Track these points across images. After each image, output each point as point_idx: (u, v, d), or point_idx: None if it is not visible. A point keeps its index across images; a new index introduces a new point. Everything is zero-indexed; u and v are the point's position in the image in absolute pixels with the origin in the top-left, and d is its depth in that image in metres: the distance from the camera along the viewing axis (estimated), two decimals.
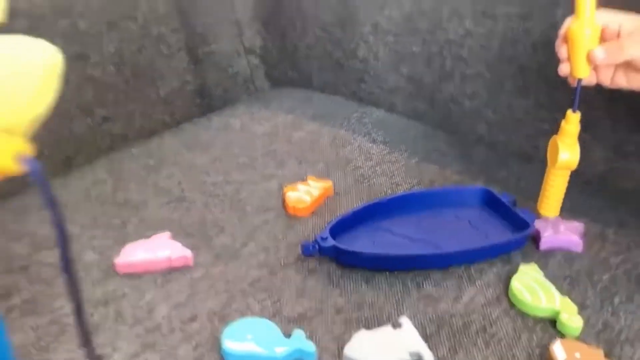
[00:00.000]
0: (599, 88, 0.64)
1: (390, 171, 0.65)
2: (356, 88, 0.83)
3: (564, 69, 0.51)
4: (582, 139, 0.67)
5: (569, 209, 0.59)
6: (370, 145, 0.70)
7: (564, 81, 0.66)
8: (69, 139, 0.71)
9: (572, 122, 0.52)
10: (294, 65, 0.90)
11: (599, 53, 0.48)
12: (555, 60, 0.66)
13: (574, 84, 0.51)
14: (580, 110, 0.53)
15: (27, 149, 0.25)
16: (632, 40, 0.47)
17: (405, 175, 0.64)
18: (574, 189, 0.64)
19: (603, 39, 0.49)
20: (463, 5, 0.71)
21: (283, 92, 0.85)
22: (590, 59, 0.48)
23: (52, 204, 0.25)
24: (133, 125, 0.78)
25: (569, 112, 0.52)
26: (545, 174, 0.56)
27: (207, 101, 0.88)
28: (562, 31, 0.50)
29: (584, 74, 0.50)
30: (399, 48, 0.78)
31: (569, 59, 0.50)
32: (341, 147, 0.69)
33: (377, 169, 0.65)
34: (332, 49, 0.84)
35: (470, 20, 0.71)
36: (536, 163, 0.71)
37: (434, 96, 0.77)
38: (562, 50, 0.51)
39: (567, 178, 0.55)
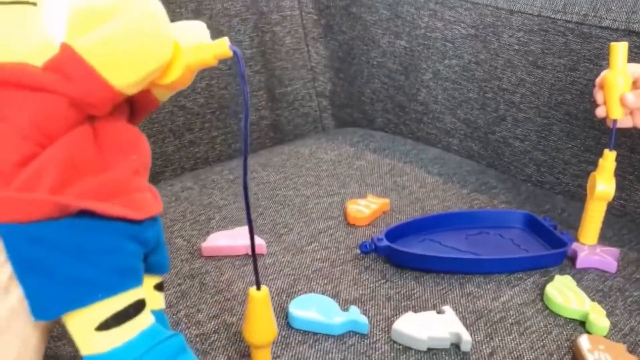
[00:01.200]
0: None
1: (443, 197, 0.71)
2: (415, 128, 0.92)
3: (600, 112, 0.59)
4: (628, 180, 0.73)
5: (609, 239, 0.64)
6: (425, 175, 0.77)
7: (607, 128, 0.72)
8: (159, 157, 0.82)
9: (608, 159, 0.58)
10: (360, 108, 0.99)
11: (630, 97, 0.55)
12: None
13: (610, 125, 0.58)
14: (625, 154, 0.59)
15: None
16: None
17: (457, 201, 0.71)
18: (618, 225, 0.69)
19: (638, 87, 0.57)
20: (516, 57, 0.79)
21: (348, 130, 0.94)
22: (622, 102, 0.55)
23: (245, 83, 0.34)
24: (214, 150, 0.89)
25: (606, 150, 0.58)
26: (585, 205, 0.61)
27: (279, 135, 0.99)
28: (598, 79, 0.58)
29: (618, 116, 0.57)
30: (456, 94, 0.86)
31: (605, 103, 0.57)
32: (398, 176, 0.77)
33: (430, 194, 0.72)
34: (395, 94, 0.93)
35: (522, 70, 0.79)
36: (580, 200, 0.77)
37: (487, 137, 0.85)
38: (598, 96, 0.58)
39: (604, 209, 0.60)
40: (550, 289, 0.52)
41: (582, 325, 0.50)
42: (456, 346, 0.47)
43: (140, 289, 0.33)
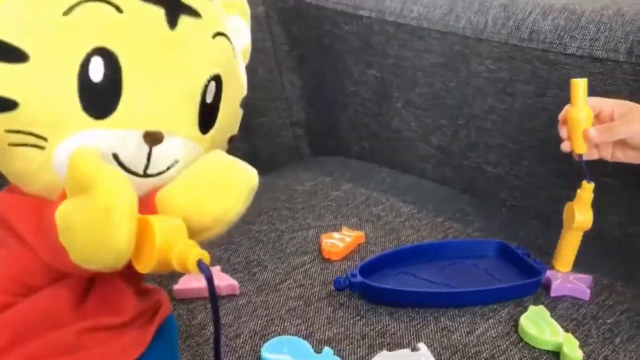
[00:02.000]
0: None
1: (418, 226, 0.72)
2: (390, 155, 0.92)
3: (565, 147, 0.60)
4: (599, 204, 0.74)
5: (582, 265, 0.64)
6: (400, 204, 0.77)
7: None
8: None
9: (586, 190, 0.60)
10: (335, 136, 0.99)
11: (592, 132, 0.56)
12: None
13: (576, 158, 0.59)
14: (596, 178, 0.60)
15: (205, 255, 0.32)
16: (622, 122, 0.56)
17: (431, 231, 0.71)
18: (590, 250, 0.69)
19: (601, 120, 0.58)
20: (486, 85, 0.80)
21: (324, 159, 0.95)
22: (585, 137, 0.56)
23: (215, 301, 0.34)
24: None
25: (584, 182, 0.58)
26: (561, 234, 0.62)
27: (255, 166, 0.98)
28: (561, 115, 0.59)
29: (582, 150, 0.58)
30: (429, 121, 0.87)
31: (569, 138, 0.58)
32: (374, 206, 0.77)
33: (405, 224, 0.72)
34: (369, 121, 0.94)
35: (492, 97, 0.80)
36: (554, 225, 0.77)
37: (461, 163, 0.85)
38: (562, 131, 0.59)
39: (579, 238, 0.61)
40: (524, 321, 0.52)
41: (556, 356, 0.50)
42: None
43: None
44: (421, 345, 0.49)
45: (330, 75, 0.97)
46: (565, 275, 0.60)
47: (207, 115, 0.37)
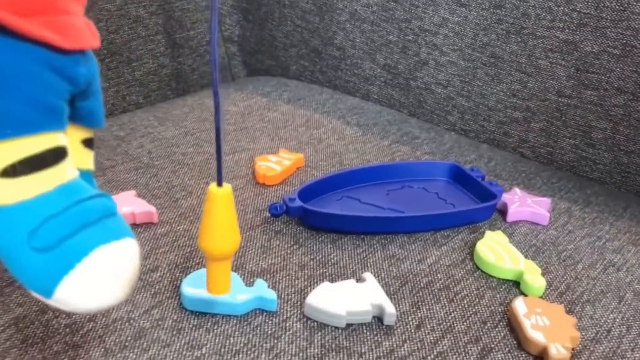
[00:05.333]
0: (570, 74, 0.66)
1: (362, 150, 0.65)
2: (332, 76, 0.84)
3: None
4: (554, 126, 0.69)
5: (538, 189, 0.60)
6: (343, 127, 0.70)
7: (535, 70, 0.67)
8: None
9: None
10: (272, 54, 0.90)
11: None
12: (528, 49, 0.67)
13: None
14: (553, 98, 0.54)
15: None
16: None
17: (377, 154, 0.64)
18: (546, 173, 0.65)
19: None
20: None
21: (260, 79, 0.85)
22: None
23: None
24: (106, 104, 0.77)
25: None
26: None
27: (182, 86, 0.88)
28: None
29: None
30: (375, 37, 0.79)
31: None
32: (314, 129, 0.69)
33: (349, 147, 0.65)
34: (310, 38, 0.85)
35: (444, 9, 0.73)
36: (507, 149, 0.72)
37: (408, 84, 0.78)
38: None
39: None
40: (481, 247, 0.47)
41: (516, 286, 0.45)
42: (379, 319, 0.40)
43: (62, 135, 0.27)
44: (367, 276, 0.43)
45: None
46: (523, 198, 0.55)
47: None
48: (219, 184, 0.34)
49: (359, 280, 0.43)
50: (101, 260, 0.26)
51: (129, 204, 0.49)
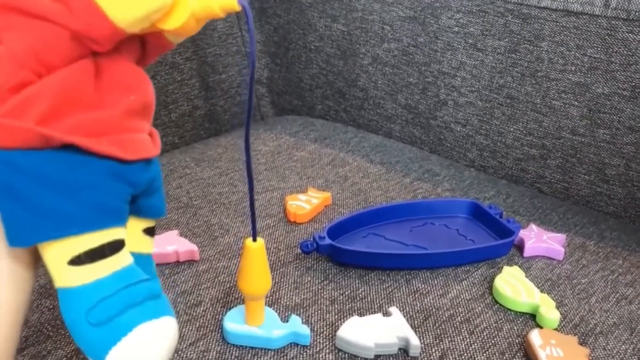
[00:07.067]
0: (582, 114, 0.69)
1: (386, 187, 0.69)
2: (356, 115, 0.89)
3: None
4: (569, 162, 0.72)
5: (554, 224, 0.63)
6: (367, 165, 0.74)
7: (549, 110, 0.71)
8: None
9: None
10: (299, 95, 0.95)
11: None
12: (542, 91, 0.71)
13: None
14: (567, 136, 0.58)
15: None
16: None
17: (400, 191, 0.68)
18: (562, 209, 0.68)
19: None
20: (456, 40, 0.77)
21: (287, 119, 0.90)
22: None
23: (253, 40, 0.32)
24: None
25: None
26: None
27: (215, 125, 0.93)
28: None
29: None
30: (396, 79, 0.84)
31: None
32: (340, 166, 0.73)
33: (373, 184, 0.69)
34: (334, 79, 0.90)
35: (462, 53, 0.77)
36: (524, 184, 0.76)
37: (429, 123, 0.82)
38: None
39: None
40: (499, 282, 0.50)
41: (532, 318, 0.48)
42: (405, 351, 0.44)
43: (121, 229, 0.32)
44: (393, 310, 0.47)
45: (293, 30, 0.92)
46: (539, 234, 0.58)
47: None
48: (254, 239, 0.40)
49: (386, 314, 0.47)
50: (142, 335, 0.31)
51: (173, 243, 0.53)
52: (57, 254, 0.31)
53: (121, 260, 0.32)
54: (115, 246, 0.32)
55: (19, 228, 0.30)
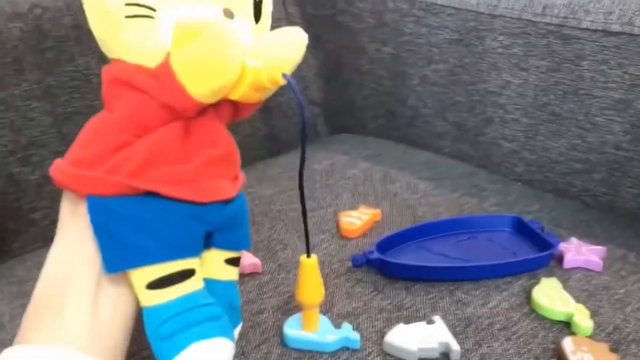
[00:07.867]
0: (625, 129, 0.72)
1: (434, 203, 0.73)
2: (407, 133, 0.93)
3: None
4: (614, 177, 0.74)
5: (597, 237, 0.66)
6: (417, 181, 0.79)
7: (592, 127, 0.74)
8: None
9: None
10: (351, 114, 1.01)
11: None
12: (585, 107, 0.74)
13: None
14: (610, 151, 0.61)
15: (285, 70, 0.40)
16: None
17: (447, 207, 0.72)
18: (606, 222, 0.70)
19: None
20: (500, 60, 0.81)
21: (341, 137, 0.96)
22: None
23: (302, 108, 0.39)
24: None
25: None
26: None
27: (275, 146, 1.00)
28: None
29: None
30: (444, 98, 0.88)
31: None
32: (390, 183, 0.78)
33: (422, 200, 0.74)
34: (385, 99, 0.95)
35: (506, 73, 0.81)
36: (570, 197, 0.78)
37: (477, 139, 0.86)
38: None
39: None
40: (537, 292, 0.54)
41: (567, 326, 0.52)
42: (446, 355, 0.49)
43: (192, 260, 0.40)
44: (436, 318, 0.51)
45: (345, 54, 0.98)
46: (578, 246, 0.61)
47: (257, 9, 0.44)
48: (308, 256, 0.47)
49: (429, 322, 0.52)
50: (197, 351, 0.39)
51: (243, 257, 0.60)
52: (139, 280, 0.39)
53: (190, 286, 0.40)
54: (185, 274, 0.39)
55: (110, 259, 0.38)
